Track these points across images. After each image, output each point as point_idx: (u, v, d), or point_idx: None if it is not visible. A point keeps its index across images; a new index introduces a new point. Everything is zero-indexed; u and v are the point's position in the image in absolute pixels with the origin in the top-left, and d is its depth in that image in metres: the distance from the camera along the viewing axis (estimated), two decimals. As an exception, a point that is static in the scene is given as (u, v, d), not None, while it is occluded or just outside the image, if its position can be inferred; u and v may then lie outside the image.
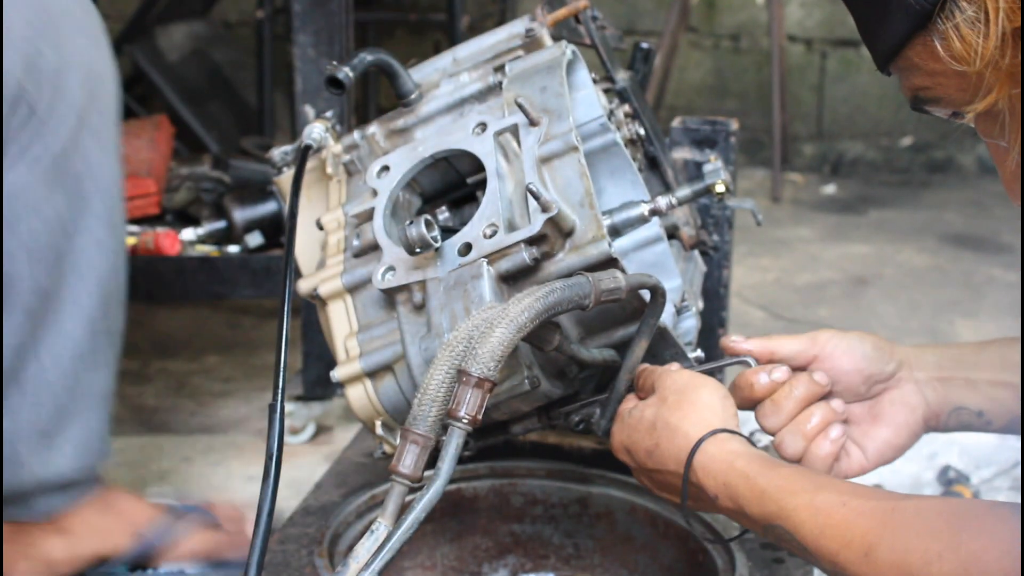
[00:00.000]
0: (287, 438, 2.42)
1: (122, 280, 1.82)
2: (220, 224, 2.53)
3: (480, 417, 1.10)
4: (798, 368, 1.36)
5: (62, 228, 1.72)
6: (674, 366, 1.33)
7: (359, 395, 1.36)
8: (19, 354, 1.74)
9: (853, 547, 1.06)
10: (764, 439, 1.42)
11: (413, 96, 1.47)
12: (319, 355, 2.38)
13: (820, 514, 1.09)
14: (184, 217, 2.63)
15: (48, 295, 1.73)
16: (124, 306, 1.84)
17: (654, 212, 1.35)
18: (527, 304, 1.13)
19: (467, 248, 1.26)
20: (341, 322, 1.39)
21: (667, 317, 1.42)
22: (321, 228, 1.46)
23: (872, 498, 1.08)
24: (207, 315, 3.21)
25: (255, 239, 2.48)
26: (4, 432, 1.75)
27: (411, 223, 1.24)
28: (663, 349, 1.37)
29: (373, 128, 1.49)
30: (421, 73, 1.51)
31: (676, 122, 1.77)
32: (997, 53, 0.93)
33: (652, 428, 1.24)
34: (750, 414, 1.36)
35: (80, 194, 1.74)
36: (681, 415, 1.23)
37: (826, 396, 1.35)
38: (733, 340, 1.38)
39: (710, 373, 1.34)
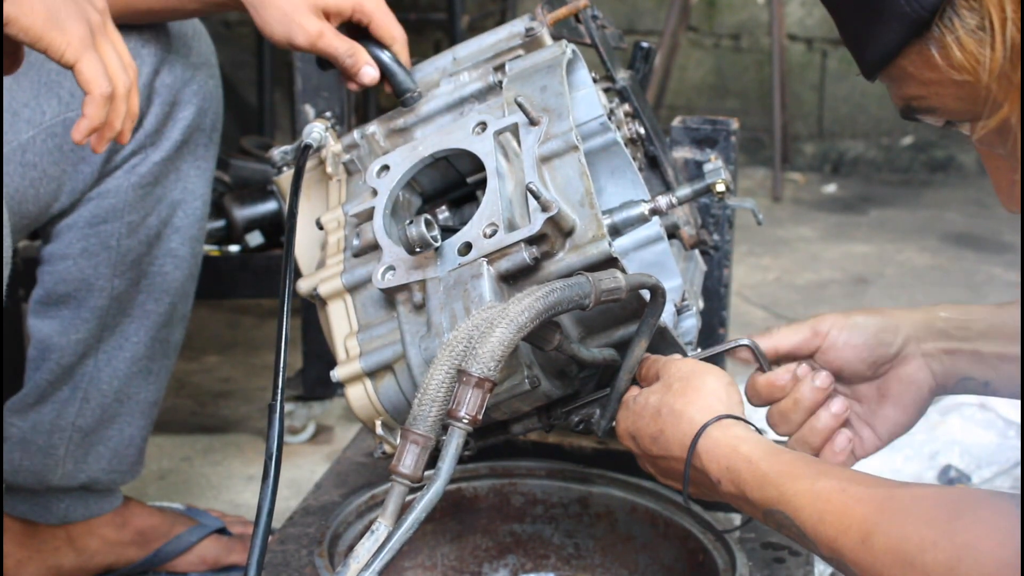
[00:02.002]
0: (287, 438, 2.43)
1: (191, 294, 1.86)
2: (220, 223, 2.53)
3: (480, 417, 1.10)
4: (803, 357, 1.37)
5: (146, 237, 1.74)
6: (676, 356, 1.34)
7: (359, 395, 1.36)
8: (80, 354, 1.76)
9: (851, 533, 1.06)
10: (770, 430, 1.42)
11: (411, 95, 1.47)
12: (319, 355, 2.38)
13: (819, 500, 1.09)
14: (184, 217, 2.63)
15: (120, 301, 1.75)
16: (187, 320, 1.86)
17: (654, 211, 1.34)
18: (527, 304, 1.13)
19: (467, 248, 1.26)
20: (341, 322, 1.39)
21: (667, 316, 1.42)
22: (321, 227, 1.46)
23: (871, 485, 1.09)
24: (207, 315, 3.21)
25: (255, 239, 2.48)
26: (47, 425, 1.77)
27: (411, 223, 1.24)
28: (663, 348, 1.36)
29: (373, 127, 1.48)
30: (421, 72, 1.51)
31: (676, 121, 1.77)
32: (1008, 66, 0.90)
33: (657, 414, 1.25)
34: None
35: (167, 207, 1.76)
36: (686, 401, 1.23)
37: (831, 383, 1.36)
38: (741, 352, 1.40)
39: (712, 359, 1.34)
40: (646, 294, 1.27)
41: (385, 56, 1.49)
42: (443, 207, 1.45)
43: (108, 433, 1.81)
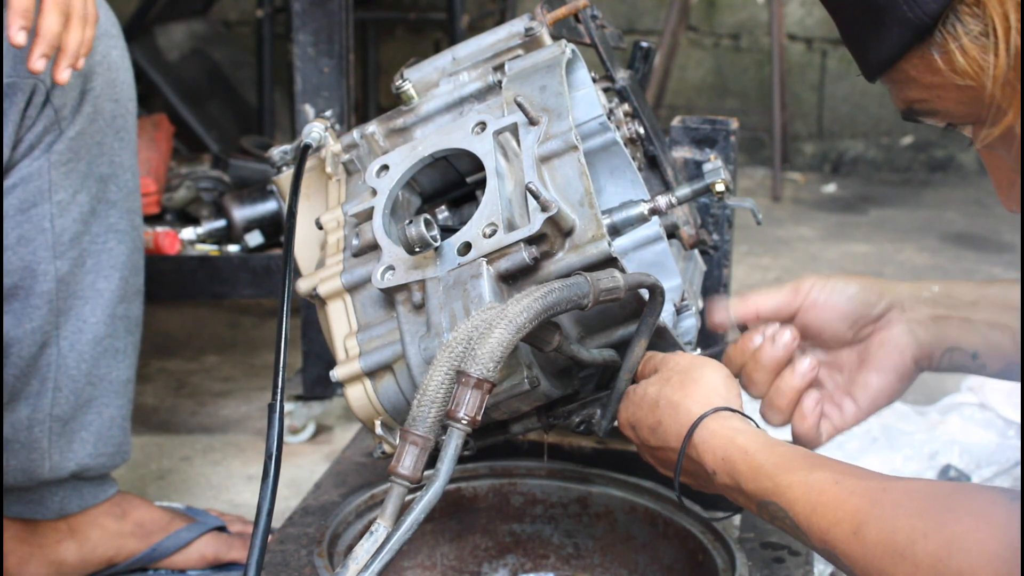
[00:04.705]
0: (287, 438, 2.43)
1: (140, 268, 1.85)
2: (220, 223, 2.53)
3: (479, 418, 1.10)
4: (785, 320, 1.37)
5: (79, 215, 1.74)
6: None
7: (358, 395, 1.36)
8: (40, 343, 1.75)
9: (843, 525, 1.06)
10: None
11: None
12: (319, 354, 2.38)
13: (813, 491, 1.10)
14: (184, 216, 2.63)
15: (68, 283, 1.75)
16: (142, 294, 1.86)
17: (654, 211, 1.34)
18: (526, 304, 1.13)
19: (466, 247, 1.26)
20: (340, 322, 1.39)
21: (667, 316, 1.42)
22: (320, 227, 1.46)
23: (865, 478, 1.09)
24: (207, 315, 3.21)
25: (255, 238, 2.48)
26: (25, 421, 1.76)
27: (410, 222, 1.24)
28: (663, 348, 1.36)
29: (372, 127, 1.48)
30: (420, 72, 1.50)
31: (676, 121, 1.76)
32: (1012, 73, 0.89)
33: (655, 406, 1.25)
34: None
35: (96, 182, 1.75)
36: (684, 393, 1.24)
37: (805, 347, 1.37)
38: (716, 308, 1.42)
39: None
40: (645, 293, 1.27)
41: None
42: (443, 207, 1.45)
43: (87, 418, 1.81)
